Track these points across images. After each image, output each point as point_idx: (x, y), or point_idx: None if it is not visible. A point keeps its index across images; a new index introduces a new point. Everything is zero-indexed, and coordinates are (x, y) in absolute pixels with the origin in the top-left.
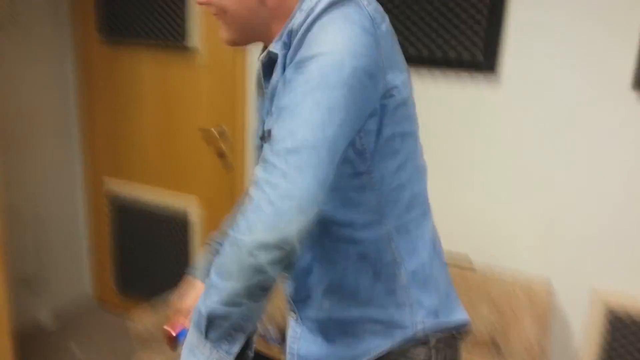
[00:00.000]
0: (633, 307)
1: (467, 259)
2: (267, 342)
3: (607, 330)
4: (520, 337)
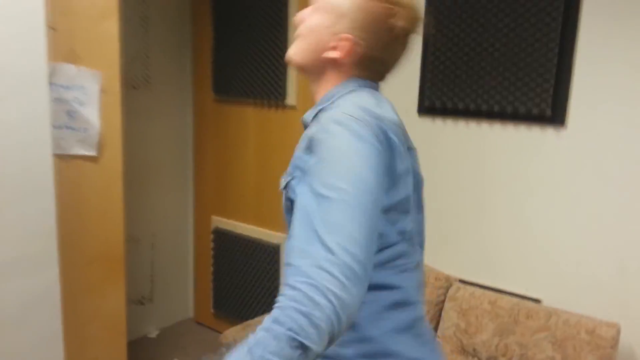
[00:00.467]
0: None
1: (536, 299)
2: None
3: None
4: None
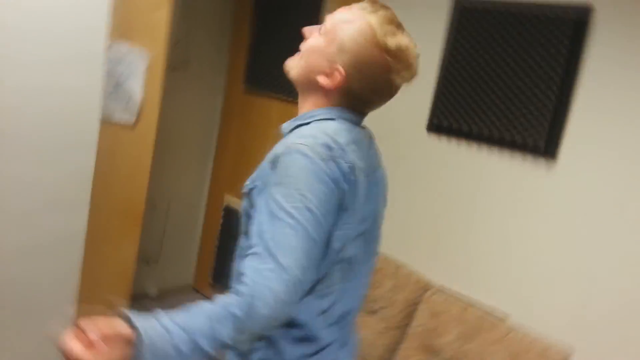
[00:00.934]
0: None
1: (504, 314)
2: None
3: None
4: None
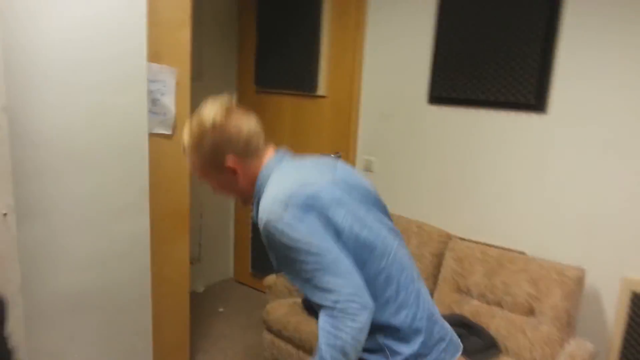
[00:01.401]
0: None
1: (521, 252)
2: None
3: (631, 310)
4: (552, 306)
